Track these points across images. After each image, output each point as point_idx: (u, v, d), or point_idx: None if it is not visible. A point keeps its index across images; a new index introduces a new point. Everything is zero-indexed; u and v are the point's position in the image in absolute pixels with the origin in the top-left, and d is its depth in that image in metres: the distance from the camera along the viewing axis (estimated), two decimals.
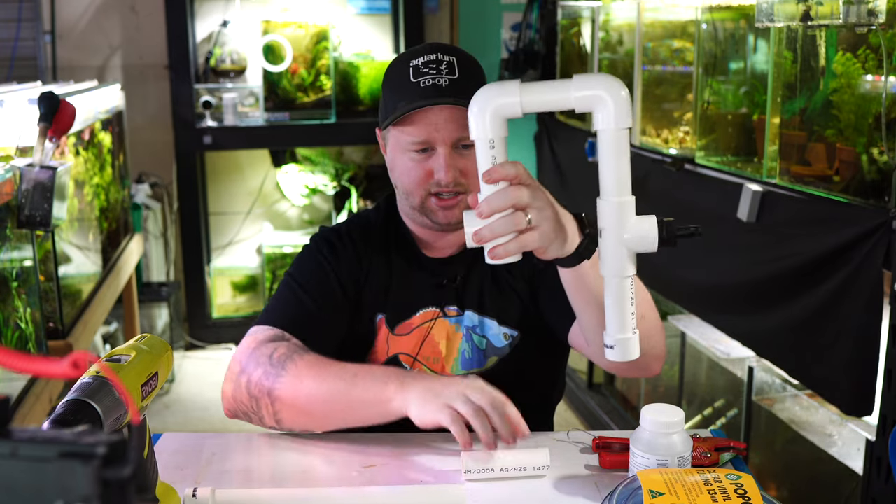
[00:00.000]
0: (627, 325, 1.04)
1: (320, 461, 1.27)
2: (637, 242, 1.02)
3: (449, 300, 1.42)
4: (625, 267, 1.02)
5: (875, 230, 1.67)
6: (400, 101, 1.30)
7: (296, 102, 4.09)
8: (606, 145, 1.00)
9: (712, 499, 0.96)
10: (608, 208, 1.01)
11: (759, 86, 2.18)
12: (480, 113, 1.01)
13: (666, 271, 2.57)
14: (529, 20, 3.82)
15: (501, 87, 1.01)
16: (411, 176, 1.34)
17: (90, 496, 0.44)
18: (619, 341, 1.04)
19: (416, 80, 1.29)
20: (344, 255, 1.43)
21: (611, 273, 1.03)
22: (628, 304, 1.04)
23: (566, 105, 1.00)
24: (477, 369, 1.40)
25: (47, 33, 4.06)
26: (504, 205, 1.02)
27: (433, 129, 1.29)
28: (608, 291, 1.04)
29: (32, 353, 1.99)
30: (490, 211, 1.02)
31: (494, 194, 1.02)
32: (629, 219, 1.02)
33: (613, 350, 1.05)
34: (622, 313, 1.04)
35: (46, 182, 1.94)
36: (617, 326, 1.04)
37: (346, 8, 4.26)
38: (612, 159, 1.00)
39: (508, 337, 1.41)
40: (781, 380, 2.19)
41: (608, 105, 0.98)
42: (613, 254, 1.02)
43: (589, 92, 0.99)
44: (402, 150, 1.33)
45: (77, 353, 0.50)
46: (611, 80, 0.99)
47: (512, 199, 1.02)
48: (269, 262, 4.28)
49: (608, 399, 3.32)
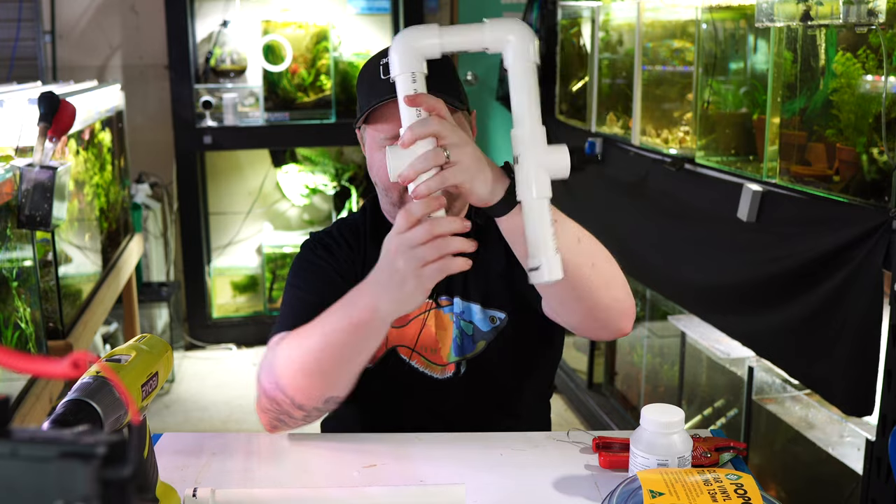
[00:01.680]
0: (548, 244, 1.05)
1: (320, 461, 1.27)
2: (552, 164, 1.06)
3: (440, 290, 1.43)
4: (542, 188, 1.05)
5: (875, 230, 1.66)
6: (371, 98, 1.32)
7: (296, 102, 4.09)
8: (517, 79, 1.06)
9: (712, 499, 0.96)
10: (523, 134, 1.06)
11: (759, 86, 2.18)
12: (404, 50, 1.07)
13: (666, 271, 2.57)
14: (529, 20, 3.81)
15: (423, 29, 1.08)
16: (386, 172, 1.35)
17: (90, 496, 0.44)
18: (542, 262, 1.05)
19: (386, 76, 1.30)
20: (339, 252, 1.45)
21: (528, 195, 1.05)
22: (548, 225, 1.05)
23: (480, 45, 1.08)
24: (469, 354, 1.42)
25: (47, 33, 4.06)
26: (425, 132, 1.05)
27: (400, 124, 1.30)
28: (527, 216, 1.06)
29: (32, 353, 1.99)
30: (412, 137, 1.05)
31: (417, 122, 1.05)
32: (541, 143, 1.06)
33: (538, 271, 1.05)
34: (543, 233, 1.05)
35: (46, 182, 1.94)
36: (539, 246, 1.05)
37: (346, 8, 4.26)
38: (525, 91, 1.06)
39: (496, 320, 1.43)
40: (781, 380, 2.19)
41: (515, 43, 1.06)
42: (531, 175, 1.05)
43: (499, 34, 1.07)
44: (378, 147, 1.35)
45: (77, 353, 0.50)
46: (519, 23, 1.08)
47: (433, 128, 1.05)
48: (269, 262, 4.28)
49: (608, 399, 3.32)
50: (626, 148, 2.87)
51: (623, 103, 3.01)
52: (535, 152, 1.05)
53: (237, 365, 4.07)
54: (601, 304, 1.21)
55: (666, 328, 2.84)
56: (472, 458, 1.27)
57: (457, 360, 1.43)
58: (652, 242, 2.62)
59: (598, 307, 1.22)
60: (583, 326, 1.29)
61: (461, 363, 1.42)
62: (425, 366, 1.43)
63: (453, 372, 1.43)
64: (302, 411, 1.26)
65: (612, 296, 1.23)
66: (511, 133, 1.07)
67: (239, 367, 4.05)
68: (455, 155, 1.05)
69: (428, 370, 1.43)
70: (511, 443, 1.32)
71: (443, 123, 1.05)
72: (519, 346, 1.44)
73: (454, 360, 1.43)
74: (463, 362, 1.42)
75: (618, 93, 3.07)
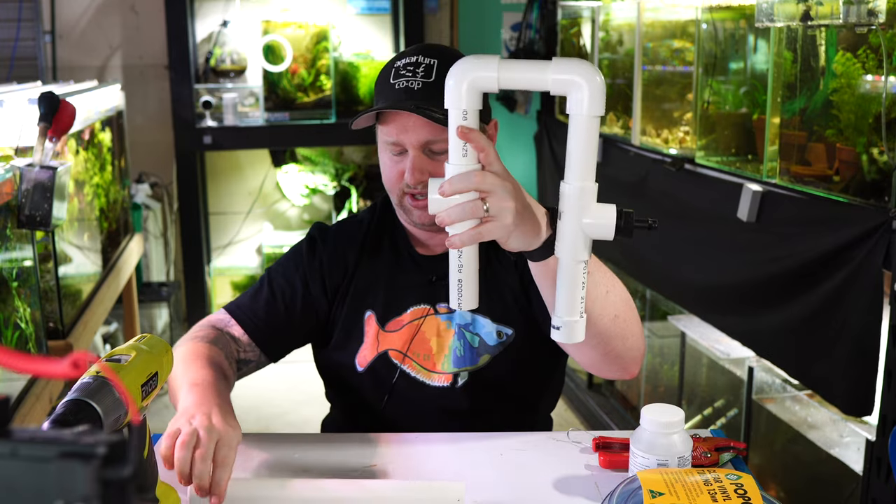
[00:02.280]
0: (576, 308, 1.05)
1: (320, 461, 1.27)
2: (595, 229, 1.03)
3: (440, 297, 1.43)
4: (579, 251, 1.03)
5: (875, 230, 1.66)
6: (380, 101, 1.34)
7: (296, 102, 4.09)
8: (577, 130, 1.00)
9: (712, 499, 0.96)
10: (571, 192, 1.02)
11: (759, 86, 2.18)
12: (457, 84, 1.00)
13: (666, 271, 2.57)
14: (529, 20, 3.82)
15: (480, 61, 1.01)
16: (388, 174, 1.37)
17: (90, 496, 0.44)
18: (566, 323, 1.05)
19: (394, 81, 1.32)
20: (323, 252, 1.47)
21: (565, 255, 1.04)
22: (579, 289, 1.05)
23: (542, 86, 1.00)
24: (469, 367, 1.41)
25: (47, 33, 4.06)
26: (465, 187, 1.01)
27: (402, 130, 1.31)
28: (561, 273, 1.05)
29: (32, 353, 1.99)
30: (451, 191, 1.01)
31: (458, 176, 1.01)
32: (590, 204, 1.02)
33: (560, 331, 1.05)
34: (572, 296, 1.05)
35: (46, 182, 1.94)
36: (565, 308, 1.05)
37: (346, 8, 4.26)
38: (581, 145, 1.00)
39: (503, 335, 1.42)
40: (781, 380, 2.19)
41: (583, 91, 0.98)
42: (570, 237, 1.03)
43: (566, 76, 0.99)
44: (384, 148, 1.37)
45: (77, 353, 0.50)
46: (588, 67, 1.00)
47: (474, 184, 1.00)
48: (269, 262, 4.27)
49: (608, 399, 3.32)
50: (626, 148, 2.87)
51: (623, 103, 3.01)
52: (579, 214, 1.02)
53: None
54: (615, 352, 1.24)
55: (666, 328, 2.84)
56: (472, 457, 1.27)
57: (455, 372, 1.41)
58: (652, 242, 2.62)
59: (612, 354, 1.24)
60: (591, 366, 1.30)
61: (460, 374, 1.41)
62: (417, 371, 1.42)
63: (450, 382, 1.41)
64: None
65: (627, 346, 1.24)
66: (560, 185, 1.02)
67: None
68: (494, 209, 1.01)
69: (420, 375, 1.42)
70: (511, 443, 1.32)
71: (485, 176, 1.00)
72: (523, 364, 1.43)
73: (452, 370, 1.41)
74: (463, 374, 1.41)
75: (618, 93, 3.07)
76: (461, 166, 1.01)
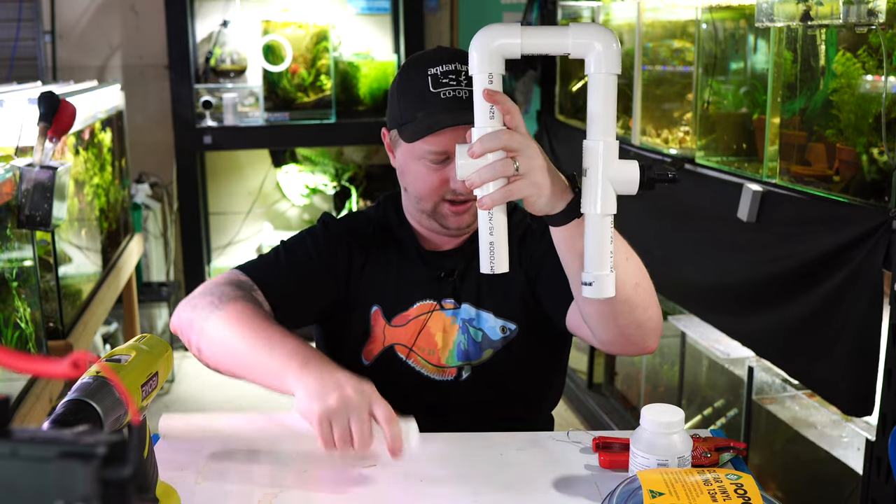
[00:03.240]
0: (605, 262, 1.06)
1: (320, 461, 1.27)
2: (619, 183, 1.06)
3: (446, 293, 1.44)
4: (607, 204, 1.05)
5: (875, 230, 1.66)
6: (419, 111, 1.31)
7: (296, 102, 4.09)
8: (596, 89, 1.05)
9: (712, 499, 0.96)
10: (594, 147, 1.05)
11: (759, 86, 2.18)
12: (482, 49, 1.05)
13: (666, 271, 2.57)
14: (529, 20, 3.81)
15: (504, 28, 1.06)
16: (427, 183, 1.35)
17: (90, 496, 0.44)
18: (597, 277, 1.06)
19: (437, 90, 1.29)
20: (335, 236, 1.46)
21: (593, 209, 1.05)
22: (607, 243, 1.06)
23: (562, 50, 1.06)
24: (473, 361, 1.42)
25: (47, 33, 4.06)
26: (495, 145, 1.03)
27: (451, 140, 1.29)
28: (588, 229, 1.06)
29: (32, 353, 1.99)
30: (482, 150, 1.03)
31: (488, 135, 1.04)
32: (613, 159, 1.06)
33: (591, 287, 1.06)
34: (601, 250, 1.06)
35: (46, 182, 1.94)
36: (595, 262, 1.06)
37: (346, 8, 4.26)
38: (601, 103, 1.06)
39: (506, 330, 1.43)
40: (781, 380, 2.19)
41: (600, 51, 1.04)
42: (596, 191, 1.05)
43: (585, 39, 1.04)
44: (417, 158, 1.34)
45: (77, 353, 0.50)
46: (604, 30, 1.06)
47: (504, 142, 1.03)
48: None
49: (608, 399, 3.32)
50: (626, 148, 2.87)
51: (623, 103, 3.01)
52: (604, 167, 1.05)
53: None
54: (637, 321, 1.22)
55: (666, 328, 2.84)
56: (472, 457, 1.27)
57: (459, 366, 1.43)
58: (652, 242, 2.62)
59: (634, 325, 1.22)
60: (612, 343, 1.28)
61: (463, 368, 1.43)
62: (422, 366, 1.43)
63: (454, 376, 1.43)
64: (197, 355, 1.31)
65: (648, 315, 1.23)
66: (583, 143, 1.06)
67: None
68: (524, 167, 1.04)
69: (425, 370, 1.43)
70: (511, 443, 1.32)
71: (513, 136, 1.04)
72: (526, 358, 1.44)
73: (456, 364, 1.43)
74: (466, 368, 1.43)
75: (618, 93, 3.07)
76: (488, 129, 1.04)
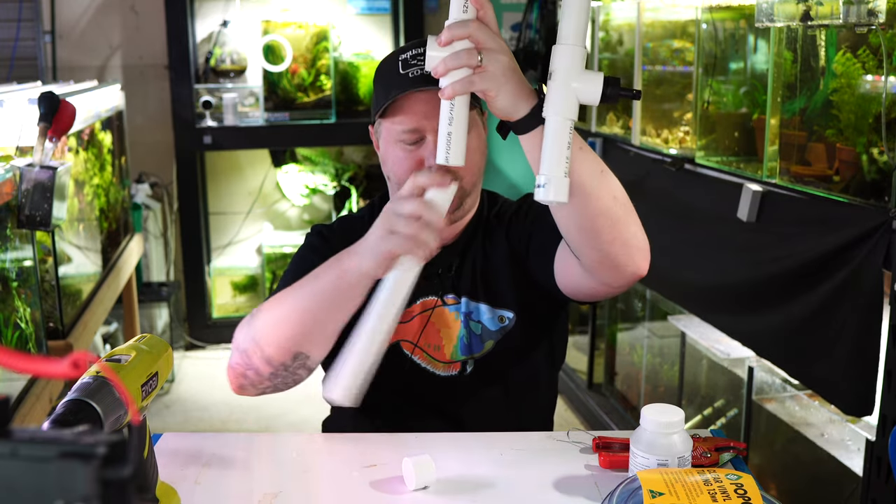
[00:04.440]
0: (560, 166, 1.05)
1: (320, 461, 1.27)
2: (583, 92, 1.06)
3: (446, 288, 1.45)
4: (568, 109, 1.05)
5: (875, 230, 1.66)
6: (391, 92, 1.32)
7: (296, 102, 4.09)
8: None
9: (712, 499, 0.96)
10: (563, 52, 1.06)
11: (759, 86, 2.18)
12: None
13: (666, 271, 2.56)
14: (529, 20, 3.81)
15: None
16: (403, 166, 1.34)
17: (90, 496, 0.44)
18: (550, 179, 1.05)
19: (405, 70, 1.31)
20: (334, 244, 1.44)
21: (553, 111, 1.05)
22: (564, 147, 1.06)
23: None
24: (476, 354, 1.43)
25: (47, 33, 4.06)
26: (462, 33, 1.05)
27: (422, 116, 1.30)
28: (547, 131, 1.06)
29: (32, 353, 1.99)
30: (449, 37, 1.05)
31: (456, 23, 1.06)
32: (580, 67, 1.06)
33: (543, 189, 1.06)
34: (558, 153, 1.05)
35: (46, 182, 1.94)
36: (550, 164, 1.05)
37: (346, 8, 4.26)
38: (575, 8, 1.06)
39: (504, 319, 1.43)
40: (781, 380, 2.19)
41: None
42: (559, 94, 1.05)
43: None
44: (394, 141, 1.35)
45: (77, 353, 0.50)
46: None
47: (471, 30, 1.05)
48: (269, 262, 4.28)
49: (608, 399, 3.32)
50: (626, 148, 2.87)
51: (623, 103, 3.01)
52: (569, 73, 1.05)
53: None
54: (621, 237, 1.19)
55: (666, 328, 2.84)
56: (472, 457, 1.27)
57: (463, 360, 1.43)
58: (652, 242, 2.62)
59: (618, 242, 1.19)
60: (601, 266, 1.23)
61: (467, 362, 1.43)
62: (428, 361, 1.43)
63: (458, 370, 1.43)
64: (270, 367, 1.27)
65: (631, 231, 1.21)
66: (552, 48, 1.07)
67: None
68: (488, 60, 1.06)
69: (430, 366, 1.43)
70: (511, 443, 1.32)
71: (481, 28, 1.06)
72: (525, 346, 1.45)
73: (460, 358, 1.43)
74: (470, 361, 1.43)
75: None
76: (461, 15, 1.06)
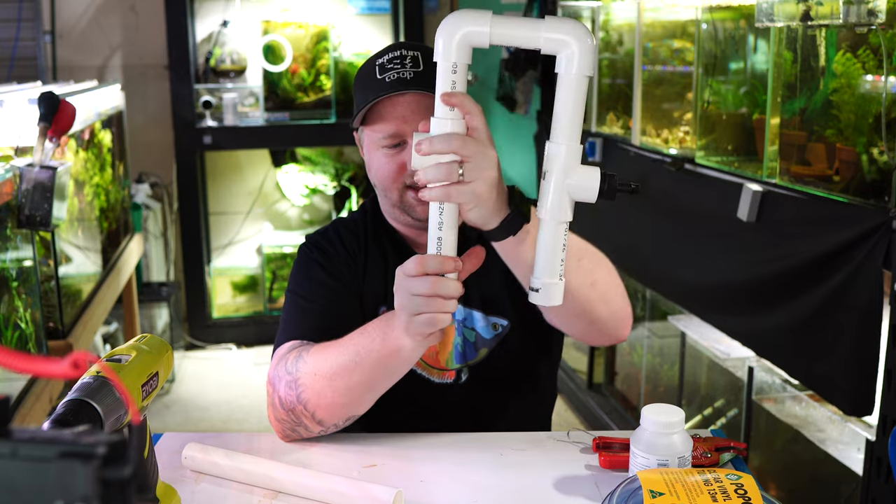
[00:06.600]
0: (555, 271, 1.05)
1: (320, 461, 1.27)
2: (578, 190, 1.03)
3: None
4: (562, 212, 1.03)
5: (875, 230, 1.66)
6: (369, 97, 1.31)
7: (296, 102, 4.09)
8: (566, 90, 1.00)
9: (712, 499, 0.96)
10: (556, 152, 1.02)
11: (759, 86, 2.18)
12: (448, 36, 1.00)
13: (666, 271, 2.57)
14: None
15: (473, 15, 1.01)
16: (385, 171, 1.34)
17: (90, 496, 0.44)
18: (546, 285, 1.04)
19: (382, 76, 1.30)
20: (335, 255, 1.43)
21: (548, 216, 1.04)
22: (559, 251, 1.04)
23: (534, 44, 1.00)
24: (471, 361, 1.42)
25: (47, 33, 4.06)
26: (444, 150, 1.01)
27: (401, 121, 1.30)
28: (542, 234, 1.05)
29: (32, 353, 1.99)
30: (429, 151, 1.01)
31: (440, 137, 1.01)
32: (575, 166, 1.02)
33: (538, 293, 1.05)
34: (552, 258, 1.04)
35: (46, 182, 1.94)
36: (545, 270, 1.04)
37: (346, 8, 4.26)
38: (569, 105, 1.00)
39: (498, 327, 1.43)
40: (781, 380, 2.19)
41: (574, 51, 0.98)
42: (554, 198, 1.02)
43: (558, 35, 0.99)
44: (376, 147, 1.34)
45: (77, 353, 0.50)
46: (580, 27, 1.00)
47: (454, 147, 1.00)
48: (269, 262, 4.28)
49: (608, 399, 3.32)
50: (626, 148, 2.87)
51: (623, 103, 3.01)
52: (563, 174, 1.02)
53: (237, 365, 4.07)
54: (600, 318, 1.24)
55: (666, 328, 2.84)
56: (472, 458, 1.27)
57: (458, 367, 1.42)
58: (652, 242, 2.62)
59: (597, 321, 1.25)
60: (582, 336, 1.32)
61: (462, 370, 1.42)
62: (423, 368, 1.42)
63: (454, 378, 1.42)
64: (321, 426, 1.28)
65: (610, 310, 1.25)
66: (546, 146, 1.03)
67: (239, 367, 4.05)
68: (469, 176, 1.01)
69: (426, 373, 1.42)
70: (511, 443, 1.32)
71: (466, 142, 1.01)
72: (520, 353, 1.44)
73: (455, 366, 1.42)
74: (465, 369, 1.42)
75: (618, 93, 3.07)
76: (446, 120, 1.02)
